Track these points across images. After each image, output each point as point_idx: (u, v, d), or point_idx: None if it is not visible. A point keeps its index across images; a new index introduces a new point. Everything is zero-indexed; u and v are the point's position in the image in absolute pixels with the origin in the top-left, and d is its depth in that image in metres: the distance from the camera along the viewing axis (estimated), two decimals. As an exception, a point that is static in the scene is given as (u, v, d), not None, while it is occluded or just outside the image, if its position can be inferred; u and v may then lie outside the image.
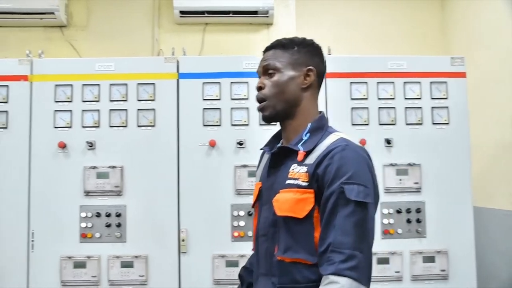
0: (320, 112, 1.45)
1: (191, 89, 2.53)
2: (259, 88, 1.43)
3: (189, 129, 2.51)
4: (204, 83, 2.53)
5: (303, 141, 1.36)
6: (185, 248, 2.42)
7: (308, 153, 1.34)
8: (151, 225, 2.46)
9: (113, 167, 2.47)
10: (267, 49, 1.45)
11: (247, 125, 2.51)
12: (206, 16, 3.41)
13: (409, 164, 2.51)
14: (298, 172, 1.32)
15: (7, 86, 2.52)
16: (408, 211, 2.49)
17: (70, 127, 2.51)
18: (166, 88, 2.54)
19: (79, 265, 2.42)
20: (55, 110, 2.52)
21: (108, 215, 2.45)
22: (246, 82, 2.53)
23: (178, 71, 2.55)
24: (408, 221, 2.48)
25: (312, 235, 1.28)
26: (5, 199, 2.46)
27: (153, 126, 2.50)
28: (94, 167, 2.47)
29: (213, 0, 3.32)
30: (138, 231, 2.45)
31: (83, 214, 2.45)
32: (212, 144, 2.47)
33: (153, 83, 2.53)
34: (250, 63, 2.54)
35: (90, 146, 2.48)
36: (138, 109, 2.51)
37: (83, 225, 2.45)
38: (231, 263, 2.42)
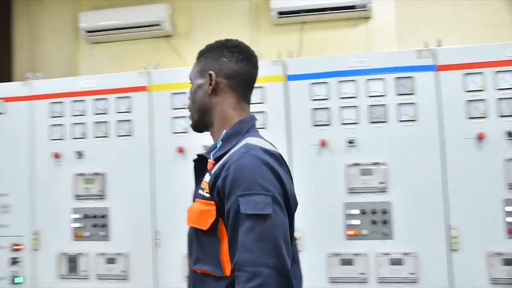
0: (249, 116, 1.38)
1: (299, 90, 2.58)
2: None
3: (299, 129, 2.56)
4: (311, 83, 2.56)
5: (216, 149, 1.31)
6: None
7: (217, 162, 1.29)
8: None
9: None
10: None
11: (357, 123, 2.51)
12: (303, 15, 3.43)
13: (534, 158, 2.36)
14: (206, 182, 1.28)
15: (129, 97, 2.75)
16: (535, 207, 2.34)
17: (186, 132, 2.67)
18: (274, 91, 2.61)
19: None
20: (172, 117, 2.70)
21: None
22: (354, 80, 2.53)
23: (285, 73, 2.61)
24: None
25: (218, 248, 1.24)
26: (134, 202, 2.69)
27: (263, 128, 2.58)
28: (211, 170, 2.61)
29: (310, -2, 3.34)
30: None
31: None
32: (323, 144, 2.51)
33: (262, 86, 2.60)
34: (356, 61, 2.54)
35: (206, 150, 2.62)
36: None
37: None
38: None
